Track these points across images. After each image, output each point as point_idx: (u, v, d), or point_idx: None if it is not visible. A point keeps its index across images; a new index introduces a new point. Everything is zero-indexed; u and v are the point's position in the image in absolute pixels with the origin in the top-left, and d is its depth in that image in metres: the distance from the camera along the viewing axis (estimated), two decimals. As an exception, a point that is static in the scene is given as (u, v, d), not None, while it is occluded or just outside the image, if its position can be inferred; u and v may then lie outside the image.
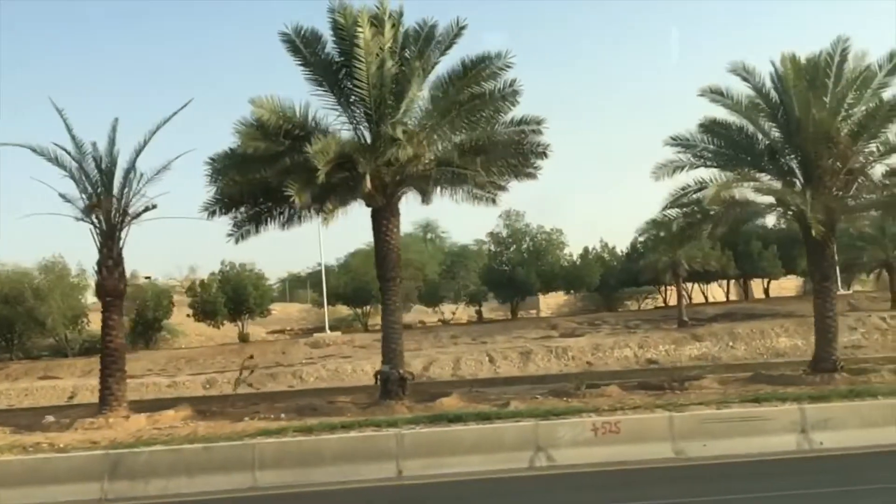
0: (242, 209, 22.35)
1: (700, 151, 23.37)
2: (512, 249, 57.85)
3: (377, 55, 20.49)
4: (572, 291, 61.15)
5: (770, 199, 23.06)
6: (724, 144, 23.39)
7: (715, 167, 23.00)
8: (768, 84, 22.94)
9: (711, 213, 23.21)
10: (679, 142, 23.35)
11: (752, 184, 22.10)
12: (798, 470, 14.08)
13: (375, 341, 48.12)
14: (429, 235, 76.60)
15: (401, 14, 21.48)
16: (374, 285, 54.72)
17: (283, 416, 20.69)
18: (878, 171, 22.90)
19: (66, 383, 38.78)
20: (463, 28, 21.07)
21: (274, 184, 19.33)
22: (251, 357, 34.49)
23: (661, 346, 41.31)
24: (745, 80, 22.87)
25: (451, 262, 59.69)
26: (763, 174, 23.33)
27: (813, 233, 19.73)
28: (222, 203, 21.70)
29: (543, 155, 21.95)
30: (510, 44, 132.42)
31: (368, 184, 18.54)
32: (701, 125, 23.23)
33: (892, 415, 15.89)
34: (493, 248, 59.82)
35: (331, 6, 20.80)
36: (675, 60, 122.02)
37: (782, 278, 62.28)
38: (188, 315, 51.95)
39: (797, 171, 22.97)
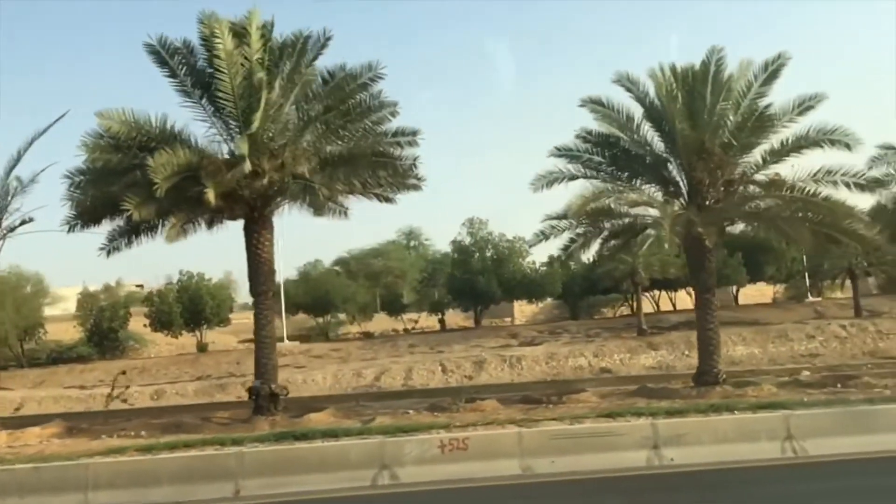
0: (120, 222, 22.02)
1: (585, 162, 23.07)
2: (476, 258, 57.47)
3: (242, 66, 20.26)
4: (534, 300, 60.77)
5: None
6: (606, 155, 23.08)
7: (595, 179, 22.71)
8: (652, 94, 22.64)
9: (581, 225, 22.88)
10: (563, 152, 23.04)
11: (627, 196, 21.72)
12: (639, 486, 13.94)
13: (332, 350, 48.69)
14: (412, 243, 76.77)
15: (272, 25, 21.25)
16: (334, 294, 55.76)
17: (143, 433, 20.44)
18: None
19: (15, 395, 38.83)
20: (329, 39, 20.86)
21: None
22: (123, 373, 34.21)
23: (616, 354, 41.08)
24: (628, 90, 22.59)
25: (433, 269, 59.62)
26: (649, 186, 23.06)
27: (666, 245, 19.49)
28: (82, 218, 21.43)
29: (413, 167, 21.76)
30: (511, 50, 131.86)
31: (212, 197, 18.23)
32: (577, 136, 22.94)
33: (746, 430, 15.65)
34: (456, 255, 59.68)
35: (199, 17, 20.51)
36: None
37: (760, 283, 62.07)
38: (144, 325, 51.91)
39: (681, 183, 22.67)
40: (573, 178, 22.64)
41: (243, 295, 76.91)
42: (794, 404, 18.15)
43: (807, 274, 57.59)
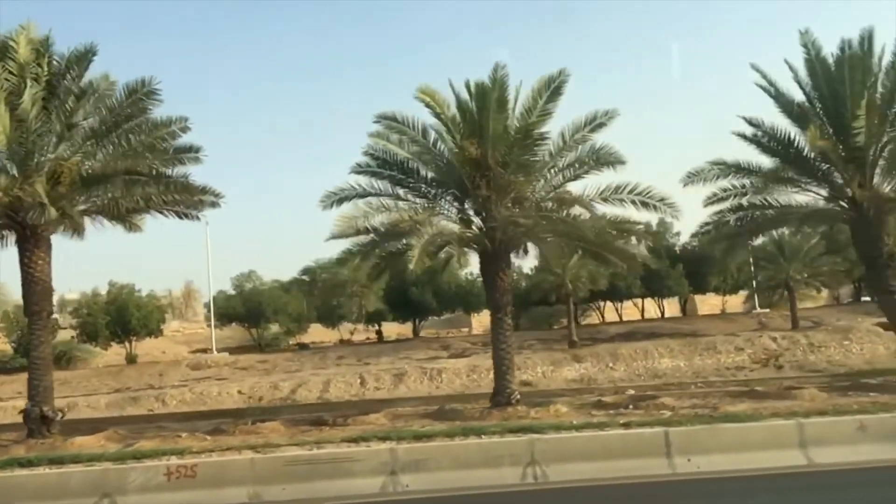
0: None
1: (386, 178, 22.50)
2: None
3: (7, 80, 19.84)
4: (471, 312, 60.38)
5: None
6: (407, 173, 22.48)
7: (385, 195, 22.12)
8: (451, 111, 22.03)
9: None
10: (363, 169, 22.48)
11: (398, 214, 21.13)
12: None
13: (259, 362, 48.48)
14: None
15: (49, 40, 20.82)
16: (267, 306, 55.53)
17: None
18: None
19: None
20: (94, 55, 20.40)
21: None
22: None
23: (539, 367, 40.67)
24: (428, 106, 21.87)
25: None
26: (451, 204, 22.56)
27: (411, 266, 18.95)
28: None
29: (186, 185, 21.30)
30: (512, 60, 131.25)
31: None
32: (365, 153, 22.30)
33: (490, 455, 15.10)
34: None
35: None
36: (676, 76, 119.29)
37: (709, 294, 61.84)
38: (72, 337, 51.87)
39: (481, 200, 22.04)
40: (365, 195, 22.05)
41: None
42: (547, 428, 17.55)
43: (755, 285, 57.00)
